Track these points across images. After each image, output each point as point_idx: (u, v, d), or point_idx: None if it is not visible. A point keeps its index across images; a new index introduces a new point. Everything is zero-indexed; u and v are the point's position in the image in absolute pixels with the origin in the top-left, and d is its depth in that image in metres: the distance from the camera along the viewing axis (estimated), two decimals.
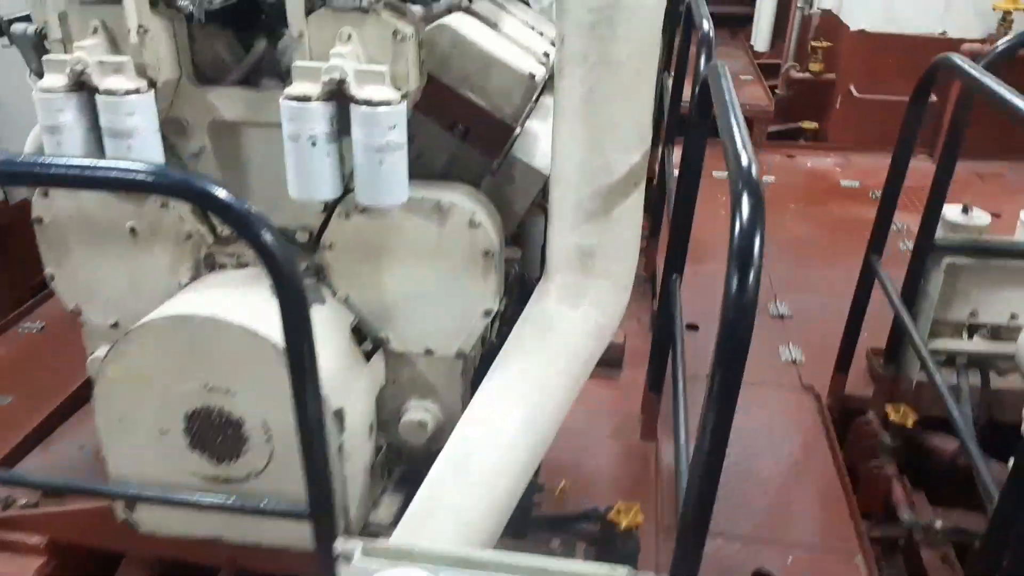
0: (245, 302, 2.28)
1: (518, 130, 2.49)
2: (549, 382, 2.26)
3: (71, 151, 2.23)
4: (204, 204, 1.63)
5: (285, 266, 1.51)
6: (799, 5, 7.99)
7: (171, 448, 2.36)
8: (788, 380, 3.93)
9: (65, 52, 2.25)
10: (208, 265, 2.54)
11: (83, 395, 3.13)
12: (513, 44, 2.55)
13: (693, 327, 4.04)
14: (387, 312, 2.49)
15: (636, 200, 2.26)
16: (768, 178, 6.37)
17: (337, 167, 2.16)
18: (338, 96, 2.08)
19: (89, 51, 2.17)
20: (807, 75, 7.71)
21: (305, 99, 2.06)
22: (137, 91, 2.17)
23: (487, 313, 2.44)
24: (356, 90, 2.07)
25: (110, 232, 2.53)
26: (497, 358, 2.32)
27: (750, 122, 5.48)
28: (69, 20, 2.24)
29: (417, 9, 2.31)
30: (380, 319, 2.50)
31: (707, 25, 3.14)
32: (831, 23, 7.60)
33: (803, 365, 4.04)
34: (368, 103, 2.05)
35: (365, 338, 2.48)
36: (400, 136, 2.10)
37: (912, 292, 3.45)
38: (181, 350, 2.24)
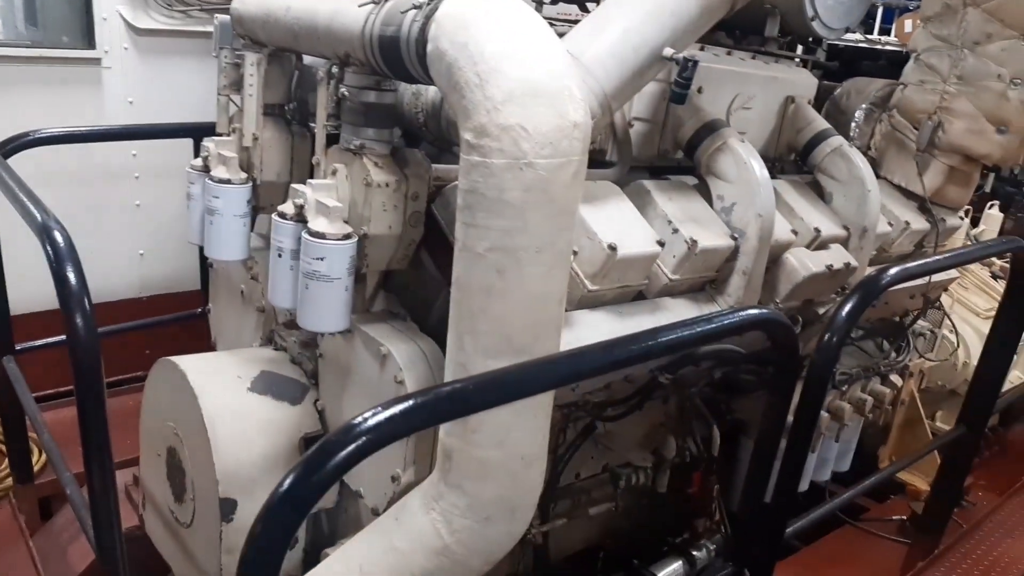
0: (226, 375, 2.56)
1: None
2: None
3: (195, 215, 2.81)
4: None
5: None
6: None
7: (159, 471, 2.75)
8: None
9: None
10: (268, 339, 2.90)
11: None
12: None
13: None
14: None
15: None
16: None
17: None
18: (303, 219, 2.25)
19: (218, 144, 2.73)
20: None
21: (281, 215, 2.28)
22: (229, 181, 2.65)
23: (393, 479, 2.28)
24: (310, 216, 2.21)
25: (235, 290, 3.09)
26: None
27: None
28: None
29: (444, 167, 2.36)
30: None
31: None
32: None
33: None
34: (307, 230, 2.17)
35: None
36: (329, 269, 2.16)
37: None
38: (170, 391, 2.62)
